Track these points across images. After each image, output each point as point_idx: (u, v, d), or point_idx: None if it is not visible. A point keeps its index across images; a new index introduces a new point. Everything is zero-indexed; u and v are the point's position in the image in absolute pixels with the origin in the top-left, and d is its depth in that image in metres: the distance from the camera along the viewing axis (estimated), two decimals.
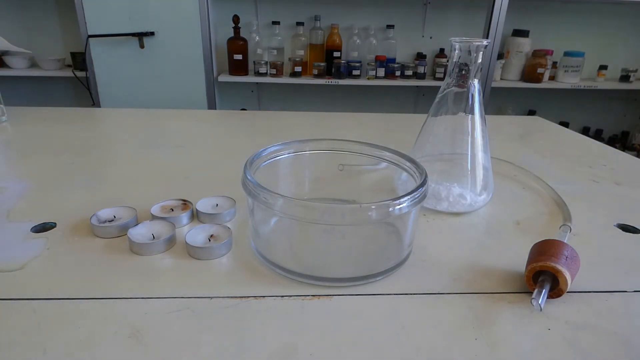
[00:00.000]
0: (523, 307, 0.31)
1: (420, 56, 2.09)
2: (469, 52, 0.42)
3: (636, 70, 2.13)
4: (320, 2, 2.04)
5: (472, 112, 0.44)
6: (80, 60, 1.88)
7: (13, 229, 0.40)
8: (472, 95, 0.44)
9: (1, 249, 0.36)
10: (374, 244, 0.36)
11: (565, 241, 0.35)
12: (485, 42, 0.42)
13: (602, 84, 2.13)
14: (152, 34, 1.80)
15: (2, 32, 1.84)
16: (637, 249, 0.40)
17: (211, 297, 0.31)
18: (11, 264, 0.34)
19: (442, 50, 2.13)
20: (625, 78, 2.14)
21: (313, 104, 2.24)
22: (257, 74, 1.97)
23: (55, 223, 0.41)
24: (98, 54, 1.83)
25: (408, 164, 0.39)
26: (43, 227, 0.40)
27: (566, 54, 2.08)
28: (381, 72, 2.01)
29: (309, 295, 0.32)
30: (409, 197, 0.31)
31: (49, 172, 0.54)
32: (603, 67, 2.13)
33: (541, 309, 0.30)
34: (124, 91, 1.90)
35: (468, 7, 2.10)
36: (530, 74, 2.07)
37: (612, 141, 2.38)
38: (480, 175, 0.46)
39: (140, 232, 0.38)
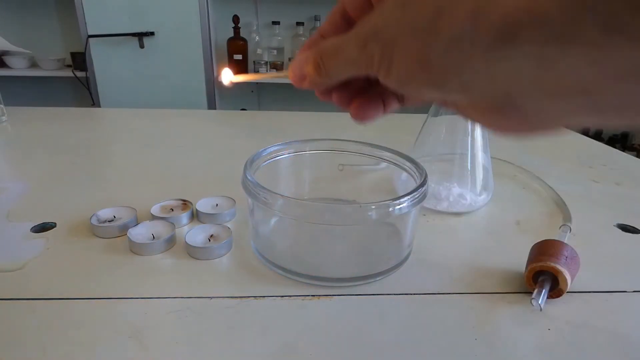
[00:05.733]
0: (523, 307, 0.31)
1: None
2: None
3: None
4: (320, 2, 2.04)
5: None
6: (80, 60, 1.88)
7: (13, 229, 0.40)
8: None
9: (1, 249, 0.36)
10: (374, 244, 0.36)
11: (565, 241, 0.35)
12: None
13: None
14: (152, 34, 1.80)
15: (2, 32, 1.84)
16: (637, 249, 0.40)
17: (211, 297, 0.31)
18: (11, 264, 0.34)
19: None
20: None
21: (313, 104, 2.24)
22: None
23: (55, 223, 0.41)
24: (98, 54, 1.83)
25: (408, 164, 0.39)
26: (43, 227, 0.40)
27: None
28: None
29: (309, 295, 0.32)
30: (409, 197, 0.31)
31: (49, 172, 0.54)
32: None
33: (541, 309, 0.30)
34: (124, 91, 1.90)
35: None
36: None
37: (612, 141, 2.38)
38: (480, 175, 0.46)
39: (140, 232, 0.38)
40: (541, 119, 0.15)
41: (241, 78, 0.28)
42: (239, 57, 1.95)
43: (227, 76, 0.29)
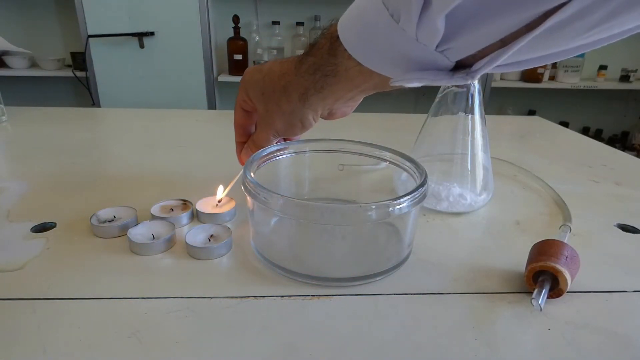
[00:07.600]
0: (523, 307, 0.31)
1: None
2: None
3: (636, 70, 2.13)
4: (320, 2, 2.04)
5: (472, 112, 0.44)
6: (80, 60, 1.88)
7: (13, 229, 0.40)
8: (472, 95, 0.44)
9: (1, 249, 0.36)
10: (374, 244, 0.36)
11: (565, 241, 0.35)
12: None
13: (602, 84, 2.13)
14: (152, 34, 1.80)
15: (2, 32, 1.84)
16: (637, 249, 0.40)
17: (211, 297, 0.31)
18: (11, 264, 0.34)
19: None
20: (625, 78, 2.14)
21: None
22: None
23: (55, 223, 0.41)
24: (98, 54, 1.83)
25: (408, 164, 0.39)
26: (43, 227, 0.40)
27: None
28: None
29: (309, 295, 0.32)
30: (409, 197, 0.31)
31: (49, 172, 0.54)
32: (603, 67, 2.13)
33: (541, 309, 0.30)
34: (124, 91, 1.90)
35: None
36: (530, 74, 2.08)
37: (612, 141, 2.38)
38: (480, 175, 0.46)
39: (140, 232, 0.38)
40: (342, 111, 0.39)
41: (225, 191, 0.44)
42: (239, 57, 1.95)
43: (219, 193, 0.43)
